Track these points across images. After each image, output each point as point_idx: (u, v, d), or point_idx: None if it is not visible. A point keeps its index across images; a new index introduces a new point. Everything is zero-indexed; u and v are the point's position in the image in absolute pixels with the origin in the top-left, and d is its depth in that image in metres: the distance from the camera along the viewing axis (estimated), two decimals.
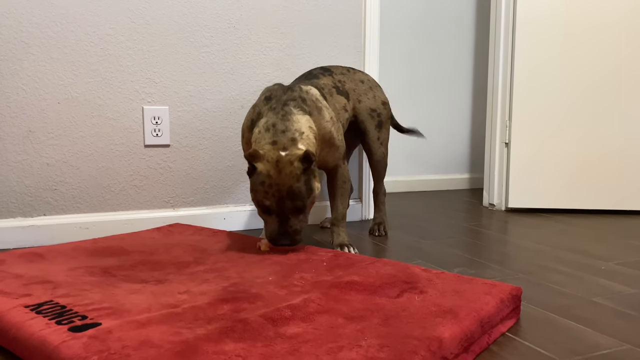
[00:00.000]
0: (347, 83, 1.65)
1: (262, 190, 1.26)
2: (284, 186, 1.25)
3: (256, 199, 1.29)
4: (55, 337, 0.79)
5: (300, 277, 1.10)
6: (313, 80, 1.56)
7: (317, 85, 1.52)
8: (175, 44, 1.68)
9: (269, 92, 1.41)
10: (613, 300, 1.16)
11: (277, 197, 1.25)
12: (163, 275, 1.13)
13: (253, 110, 1.41)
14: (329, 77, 1.61)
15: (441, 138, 2.89)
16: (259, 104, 1.40)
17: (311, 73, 1.61)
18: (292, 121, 1.31)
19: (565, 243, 1.68)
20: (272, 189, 1.25)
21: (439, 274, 1.12)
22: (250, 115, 1.42)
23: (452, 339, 0.82)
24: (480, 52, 2.94)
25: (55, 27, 1.54)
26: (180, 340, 0.78)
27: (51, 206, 1.58)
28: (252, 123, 1.39)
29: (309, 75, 1.60)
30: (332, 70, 1.65)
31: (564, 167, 2.19)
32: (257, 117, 1.38)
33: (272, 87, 1.43)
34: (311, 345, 0.77)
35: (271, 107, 1.36)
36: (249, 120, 1.41)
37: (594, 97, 2.16)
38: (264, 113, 1.36)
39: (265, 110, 1.37)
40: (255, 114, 1.39)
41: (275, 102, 1.36)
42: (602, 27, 2.13)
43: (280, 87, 1.42)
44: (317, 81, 1.56)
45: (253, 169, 1.27)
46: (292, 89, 1.40)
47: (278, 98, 1.37)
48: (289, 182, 1.25)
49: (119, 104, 1.63)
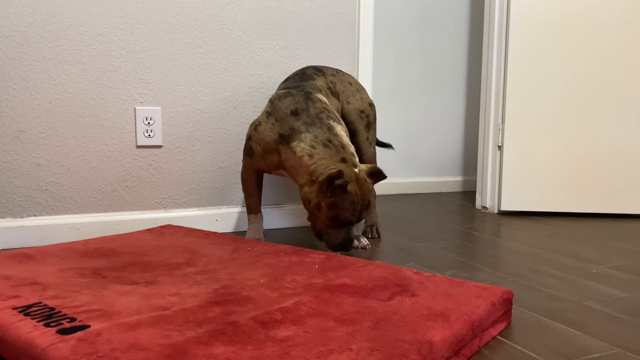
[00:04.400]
0: (338, 84, 1.65)
1: (351, 209, 1.32)
2: (365, 201, 1.35)
3: (340, 217, 1.32)
4: (43, 339, 0.78)
5: (292, 279, 1.09)
6: (310, 81, 1.56)
7: (317, 88, 1.54)
8: (168, 44, 1.67)
9: (293, 105, 1.42)
10: (604, 304, 1.16)
11: (358, 211, 1.34)
12: (154, 276, 1.12)
13: (279, 124, 1.40)
14: (323, 78, 1.61)
15: (435, 140, 2.90)
16: (287, 118, 1.40)
17: (305, 73, 1.61)
18: (339, 135, 1.38)
19: (557, 246, 1.68)
20: (358, 205, 1.33)
21: (430, 276, 1.12)
22: (277, 129, 1.40)
23: (442, 343, 0.81)
24: (474, 54, 2.95)
25: (47, 27, 1.53)
26: (170, 343, 0.77)
27: (41, 207, 1.57)
28: (282, 137, 1.39)
29: (304, 76, 1.59)
30: (323, 70, 1.65)
31: (556, 170, 2.20)
32: (289, 132, 1.39)
33: (288, 100, 1.43)
34: (301, 349, 0.77)
35: (306, 122, 1.39)
36: (276, 134, 1.41)
37: (587, 100, 2.17)
38: (300, 128, 1.38)
39: (300, 125, 1.38)
40: (287, 128, 1.39)
41: (307, 116, 1.39)
42: (596, 30, 2.14)
43: (296, 98, 1.43)
44: (314, 83, 1.56)
45: (341, 189, 1.30)
46: (311, 99, 1.43)
47: (306, 111, 1.40)
48: (367, 197, 1.35)
49: (111, 104, 1.62)
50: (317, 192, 1.32)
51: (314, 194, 1.33)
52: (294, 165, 1.38)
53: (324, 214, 1.33)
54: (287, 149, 1.39)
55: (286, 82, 1.61)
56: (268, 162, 1.47)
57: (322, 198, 1.31)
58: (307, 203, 1.36)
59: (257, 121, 1.48)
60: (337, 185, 1.29)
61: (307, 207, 1.37)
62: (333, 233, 1.36)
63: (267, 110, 1.46)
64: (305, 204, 1.37)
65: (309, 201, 1.35)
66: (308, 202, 1.35)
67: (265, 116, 1.45)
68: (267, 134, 1.43)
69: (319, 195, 1.32)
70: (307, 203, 1.36)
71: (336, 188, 1.30)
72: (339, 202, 1.31)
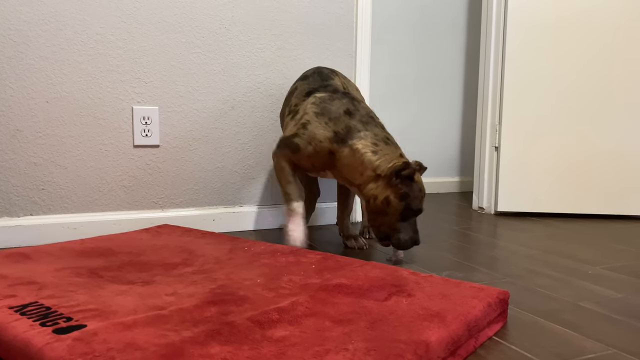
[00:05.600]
0: (348, 86, 1.66)
1: (420, 197, 1.37)
2: (424, 191, 1.41)
3: (412, 206, 1.35)
4: (39, 339, 0.78)
5: (289, 279, 1.09)
6: (330, 81, 1.57)
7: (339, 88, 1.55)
8: (166, 44, 1.67)
9: (344, 106, 1.43)
10: (600, 304, 1.16)
11: (422, 200, 1.40)
12: (150, 276, 1.12)
13: (334, 123, 1.41)
14: (338, 78, 1.62)
15: (432, 141, 2.90)
16: (341, 117, 1.41)
17: (322, 72, 1.61)
18: (390, 134, 1.45)
19: (553, 247, 1.69)
20: (422, 193, 1.39)
21: (427, 277, 1.12)
22: (332, 127, 1.41)
23: (438, 343, 0.82)
24: (472, 54, 2.96)
25: (45, 26, 1.53)
26: (166, 342, 0.77)
27: (38, 206, 1.57)
28: (338, 136, 1.40)
29: (323, 75, 1.59)
30: (335, 71, 1.65)
31: (553, 171, 2.21)
32: (345, 130, 1.40)
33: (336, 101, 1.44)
34: (298, 349, 0.77)
35: (361, 120, 1.42)
36: (331, 132, 1.40)
37: (584, 101, 2.18)
38: (357, 127, 1.40)
39: (357, 124, 1.41)
40: (342, 127, 1.40)
41: (360, 116, 1.43)
42: (593, 31, 2.15)
43: (342, 99, 1.45)
44: (334, 82, 1.57)
45: (409, 179, 1.35)
46: (356, 99, 1.47)
47: (358, 111, 1.44)
48: (424, 187, 1.41)
49: (108, 104, 1.62)
50: (385, 185, 1.35)
51: (381, 188, 1.35)
52: (351, 163, 1.38)
53: (394, 207, 1.34)
54: (344, 147, 1.39)
55: (305, 80, 1.59)
56: (314, 162, 1.44)
57: (392, 190, 1.34)
58: (374, 199, 1.36)
59: (305, 120, 1.44)
60: (406, 176, 1.33)
61: (373, 204, 1.36)
62: (403, 228, 1.37)
63: (314, 112, 1.44)
64: (369, 202, 1.37)
65: (376, 197, 1.35)
66: (374, 198, 1.36)
67: (315, 116, 1.43)
68: (321, 132, 1.41)
69: (387, 189, 1.34)
70: (373, 199, 1.36)
71: (405, 179, 1.34)
72: (410, 191, 1.35)
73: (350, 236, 1.61)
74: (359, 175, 1.38)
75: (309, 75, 1.61)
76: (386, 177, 1.35)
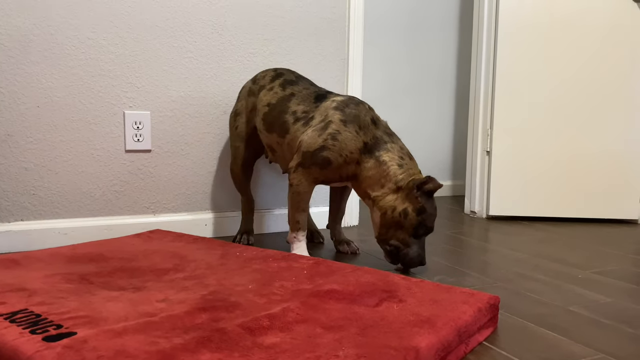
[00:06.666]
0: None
1: (435, 214, 1.38)
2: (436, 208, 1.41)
3: (427, 223, 1.36)
4: (28, 346, 0.77)
5: (281, 285, 1.10)
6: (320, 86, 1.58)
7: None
8: (157, 48, 1.67)
9: (369, 114, 1.42)
10: (588, 309, 1.17)
11: (435, 219, 1.40)
12: (141, 282, 1.12)
13: (364, 132, 1.38)
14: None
15: (423, 145, 2.91)
16: (369, 127, 1.40)
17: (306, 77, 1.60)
18: None
19: (544, 251, 1.70)
20: (435, 212, 1.39)
21: (418, 282, 1.12)
22: (362, 138, 1.38)
23: (428, 349, 0.82)
24: (464, 59, 2.97)
25: (36, 30, 1.52)
26: (157, 350, 0.77)
27: (29, 211, 1.56)
28: (366, 146, 1.38)
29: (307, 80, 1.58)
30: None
31: (544, 175, 2.22)
32: (373, 141, 1.39)
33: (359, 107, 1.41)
34: (288, 356, 0.77)
35: (386, 132, 1.42)
36: (361, 142, 1.38)
37: (576, 105, 2.20)
38: (383, 138, 1.40)
39: (383, 135, 1.41)
40: (370, 137, 1.39)
41: (383, 127, 1.43)
42: (583, 35, 2.17)
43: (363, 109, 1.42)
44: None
45: (428, 195, 1.35)
46: (369, 107, 1.45)
47: (379, 121, 1.44)
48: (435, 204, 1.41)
49: (99, 109, 1.62)
50: (405, 197, 1.35)
51: (400, 200, 1.35)
52: (374, 175, 1.37)
53: (410, 221, 1.35)
54: (370, 158, 1.38)
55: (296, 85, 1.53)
56: (343, 173, 1.40)
57: (411, 203, 1.34)
58: (392, 210, 1.35)
59: (333, 130, 1.37)
60: (425, 191, 1.34)
61: (390, 215, 1.35)
62: (413, 244, 1.37)
63: (341, 119, 1.38)
64: (386, 213, 1.36)
65: (394, 208, 1.35)
66: (393, 209, 1.35)
67: (342, 124, 1.38)
68: (352, 143, 1.37)
69: (406, 201, 1.35)
70: (391, 211, 1.35)
71: (424, 193, 1.34)
72: (427, 206, 1.35)
73: (343, 241, 1.62)
74: (379, 187, 1.37)
75: (300, 78, 1.57)
76: (407, 188, 1.35)
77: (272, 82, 1.57)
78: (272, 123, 1.51)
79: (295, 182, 1.41)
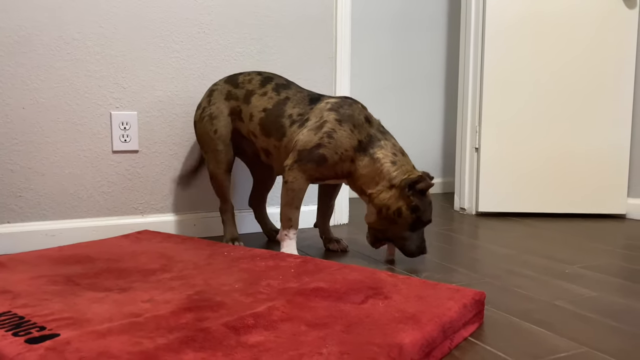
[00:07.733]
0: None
1: (430, 210, 1.40)
2: (431, 201, 1.43)
3: (423, 218, 1.39)
4: (11, 349, 0.77)
5: (267, 284, 1.10)
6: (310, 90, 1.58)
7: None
8: (144, 48, 1.67)
9: (362, 113, 1.44)
10: (574, 303, 1.18)
11: (431, 211, 1.43)
12: (128, 283, 1.12)
13: (358, 131, 1.40)
14: None
15: (413, 142, 2.92)
16: (364, 125, 1.42)
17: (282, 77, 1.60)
18: None
19: (532, 247, 1.71)
20: (431, 205, 1.42)
21: (404, 279, 1.13)
22: (357, 136, 1.40)
23: (412, 345, 0.82)
24: (452, 56, 2.98)
25: (20, 32, 1.51)
26: (140, 350, 0.77)
27: (15, 213, 1.55)
28: (361, 145, 1.40)
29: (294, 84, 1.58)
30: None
31: (533, 171, 2.23)
32: (367, 139, 1.41)
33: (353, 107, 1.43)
34: (272, 354, 0.77)
35: (379, 130, 1.44)
36: (356, 141, 1.40)
37: (563, 102, 2.21)
38: (377, 136, 1.42)
39: (376, 132, 1.43)
40: (364, 135, 1.41)
41: (377, 125, 1.46)
42: (572, 32, 2.18)
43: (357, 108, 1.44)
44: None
45: (421, 193, 1.38)
46: (363, 107, 1.47)
47: (373, 119, 1.46)
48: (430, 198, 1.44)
49: (86, 110, 1.61)
50: (398, 196, 1.37)
51: (394, 199, 1.37)
52: (368, 172, 1.39)
53: (405, 218, 1.38)
54: (365, 156, 1.40)
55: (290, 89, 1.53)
56: (338, 170, 1.42)
57: (404, 201, 1.37)
58: (386, 209, 1.38)
59: (328, 129, 1.39)
60: (419, 189, 1.36)
61: (385, 214, 1.38)
62: (411, 237, 1.40)
63: (336, 119, 1.40)
64: (381, 211, 1.39)
65: (388, 207, 1.38)
66: (387, 208, 1.38)
67: (337, 124, 1.40)
68: (347, 141, 1.39)
69: (399, 200, 1.37)
70: (385, 209, 1.38)
71: (417, 191, 1.36)
72: (420, 204, 1.37)
73: (332, 239, 1.62)
74: (374, 184, 1.39)
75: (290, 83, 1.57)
76: (399, 187, 1.37)
77: (262, 86, 1.55)
78: (270, 127, 1.51)
79: (291, 179, 1.42)
